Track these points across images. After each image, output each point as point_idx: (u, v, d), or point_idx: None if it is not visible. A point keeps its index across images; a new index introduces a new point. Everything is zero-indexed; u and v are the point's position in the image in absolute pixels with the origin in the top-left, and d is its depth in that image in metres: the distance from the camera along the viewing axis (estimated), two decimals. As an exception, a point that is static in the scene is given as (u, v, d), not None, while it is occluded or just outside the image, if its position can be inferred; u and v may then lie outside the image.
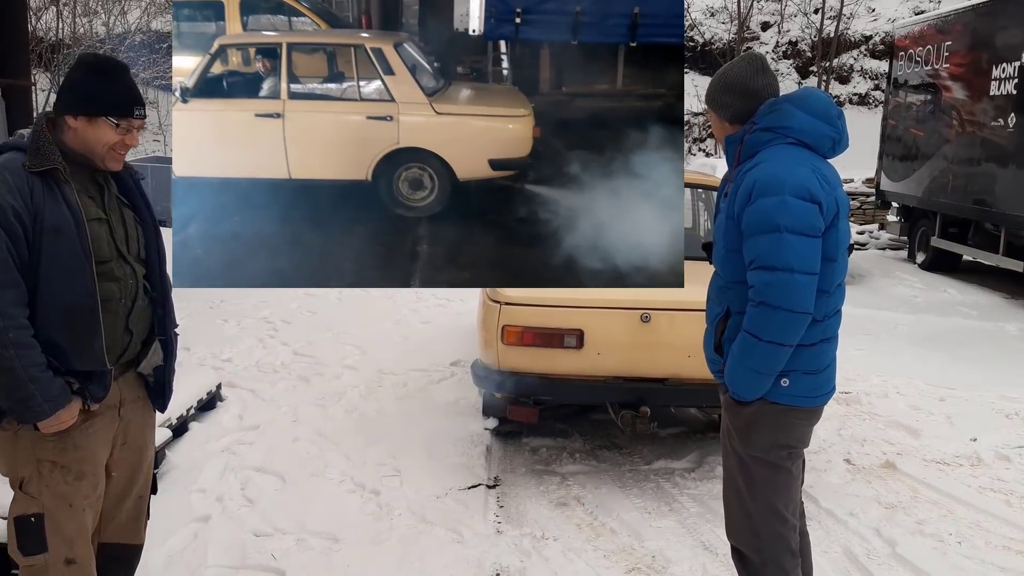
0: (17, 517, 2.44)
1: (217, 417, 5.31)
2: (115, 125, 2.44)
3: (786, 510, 2.74)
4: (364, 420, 5.32)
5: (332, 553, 3.66)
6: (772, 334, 2.53)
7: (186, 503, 4.10)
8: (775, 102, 2.66)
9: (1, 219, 2.26)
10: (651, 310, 4.28)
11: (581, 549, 3.78)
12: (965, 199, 10.83)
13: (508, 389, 4.50)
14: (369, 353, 6.93)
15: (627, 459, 4.87)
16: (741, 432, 2.72)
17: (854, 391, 6.16)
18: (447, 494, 4.28)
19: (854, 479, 4.62)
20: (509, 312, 4.34)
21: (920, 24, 12.51)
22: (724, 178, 2.85)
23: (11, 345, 2.25)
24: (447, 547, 3.74)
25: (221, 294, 8.95)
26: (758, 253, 2.53)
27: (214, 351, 6.82)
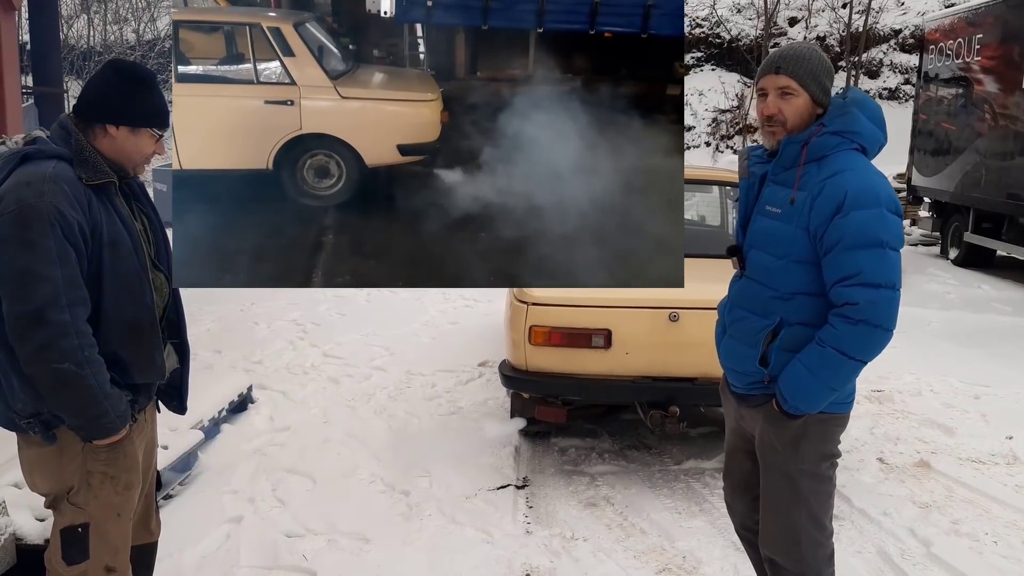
0: (64, 528, 2.44)
1: (249, 419, 5.35)
2: (157, 137, 2.47)
3: (826, 518, 2.69)
4: (394, 421, 5.34)
5: (363, 553, 3.68)
6: (865, 353, 2.43)
7: (218, 504, 4.14)
8: (844, 105, 2.52)
9: (68, 234, 2.22)
10: (679, 309, 4.26)
11: (611, 549, 3.77)
12: (998, 193, 10.67)
13: (536, 390, 4.50)
14: (397, 354, 6.95)
15: (657, 459, 4.85)
16: (789, 446, 2.60)
17: (887, 389, 6.09)
18: (476, 494, 4.29)
19: (887, 478, 4.57)
20: (536, 312, 4.34)
21: (950, 17, 12.34)
22: (750, 171, 2.69)
23: (87, 363, 2.24)
24: (477, 547, 3.75)
25: (251, 296, 9.04)
26: (860, 268, 2.39)
27: (245, 353, 6.87)
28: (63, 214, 2.22)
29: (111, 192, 2.38)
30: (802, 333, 2.53)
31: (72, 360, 2.23)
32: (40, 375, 2.24)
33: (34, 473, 2.45)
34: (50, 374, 2.23)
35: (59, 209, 2.22)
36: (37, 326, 2.20)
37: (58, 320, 2.21)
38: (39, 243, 2.20)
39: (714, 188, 6.61)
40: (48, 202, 2.21)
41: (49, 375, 2.23)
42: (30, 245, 2.19)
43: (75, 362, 2.23)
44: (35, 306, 2.19)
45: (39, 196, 2.21)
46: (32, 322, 2.20)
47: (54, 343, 2.21)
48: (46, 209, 2.20)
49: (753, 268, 2.66)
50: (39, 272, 2.20)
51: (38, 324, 2.20)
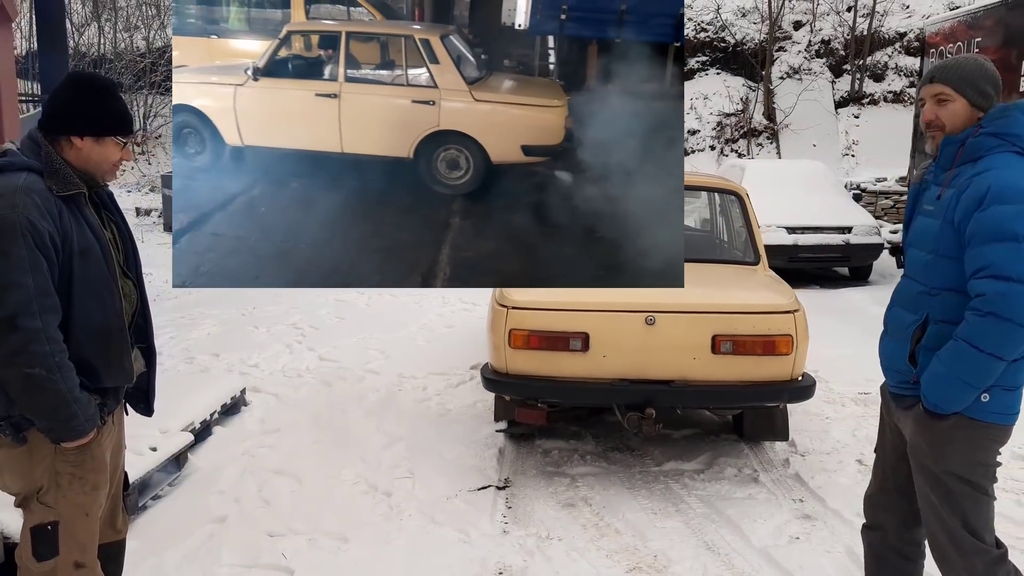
0: (34, 527, 2.54)
1: (241, 421, 5.45)
2: (122, 144, 2.56)
3: (983, 529, 2.62)
4: (382, 423, 5.43)
5: (341, 552, 3.77)
6: (994, 346, 2.43)
7: (204, 505, 4.24)
8: (1005, 107, 2.57)
9: (39, 244, 2.32)
10: (656, 312, 4.33)
11: (584, 549, 3.85)
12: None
13: (516, 392, 4.58)
14: (392, 357, 7.05)
15: (638, 461, 4.93)
16: (935, 448, 2.60)
17: (872, 392, 6.12)
18: (457, 495, 4.37)
19: (865, 480, 4.55)
20: (516, 316, 4.42)
21: (951, 20, 12.34)
22: (924, 178, 2.75)
23: (57, 368, 2.34)
24: (453, 547, 3.83)
25: (254, 300, 9.16)
26: (991, 261, 2.42)
27: (242, 357, 6.98)
28: (34, 225, 2.32)
29: (81, 202, 2.47)
30: (946, 332, 2.54)
31: (43, 365, 2.32)
32: (12, 379, 2.34)
33: (4, 473, 2.54)
34: (21, 378, 2.32)
35: (31, 220, 2.31)
36: (9, 332, 2.29)
37: (30, 326, 2.30)
38: (12, 253, 2.29)
39: (702, 194, 6.68)
40: (20, 214, 2.31)
41: (20, 379, 2.33)
42: (3, 255, 2.29)
43: (46, 367, 2.33)
44: (8, 313, 2.29)
45: (11, 208, 2.31)
46: (4, 328, 2.29)
47: (26, 348, 2.30)
48: (18, 220, 2.30)
49: (909, 265, 2.76)
50: (12, 280, 2.29)
51: (10, 330, 2.29)
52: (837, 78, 18.46)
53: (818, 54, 18.81)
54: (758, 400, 4.52)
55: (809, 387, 4.46)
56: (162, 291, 10.20)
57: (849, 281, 11.40)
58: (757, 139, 17.77)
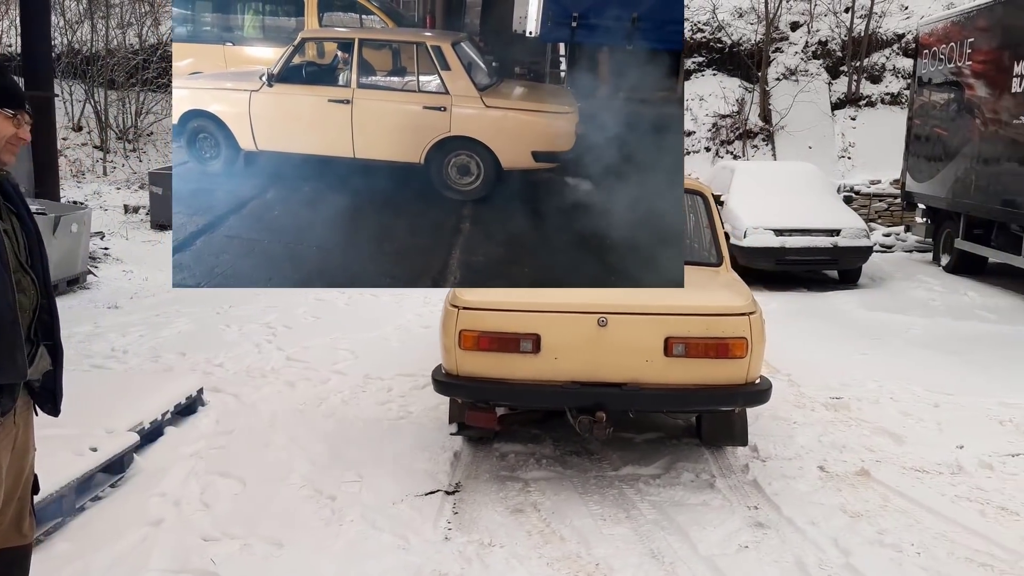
0: None
1: (195, 422, 5.35)
2: (11, 116, 2.47)
3: None
4: (340, 426, 5.33)
5: (273, 558, 3.66)
6: None
7: (143, 507, 4.13)
8: None
9: None
10: (608, 314, 4.22)
11: (525, 556, 3.74)
12: (988, 199, 10.53)
13: (466, 395, 4.48)
14: (361, 358, 6.95)
15: (595, 465, 4.81)
16: None
17: (845, 397, 6.02)
18: (404, 500, 4.26)
19: (824, 487, 4.51)
20: (466, 317, 4.31)
21: (944, 21, 12.22)
22: None
23: None
24: (391, 553, 3.73)
25: (231, 299, 9.08)
26: None
27: (209, 356, 6.90)
28: None
29: None
30: None
31: None
32: None
33: None
34: None
35: None
36: None
37: None
38: None
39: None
40: None
41: None
42: None
43: None
44: None
45: None
46: None
47: None
48: None
49: None
50: None
51: None
52: (834, 80, 18.27)
53: (815, 55, 18.62)
54: (712, 404, 4.41)
55: (765, 391, 4.34)
56: (140, 289, 10.15)
57: (838, 284, 11.27)
58: (753, 141, 17.60)
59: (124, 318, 8.45)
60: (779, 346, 7.23)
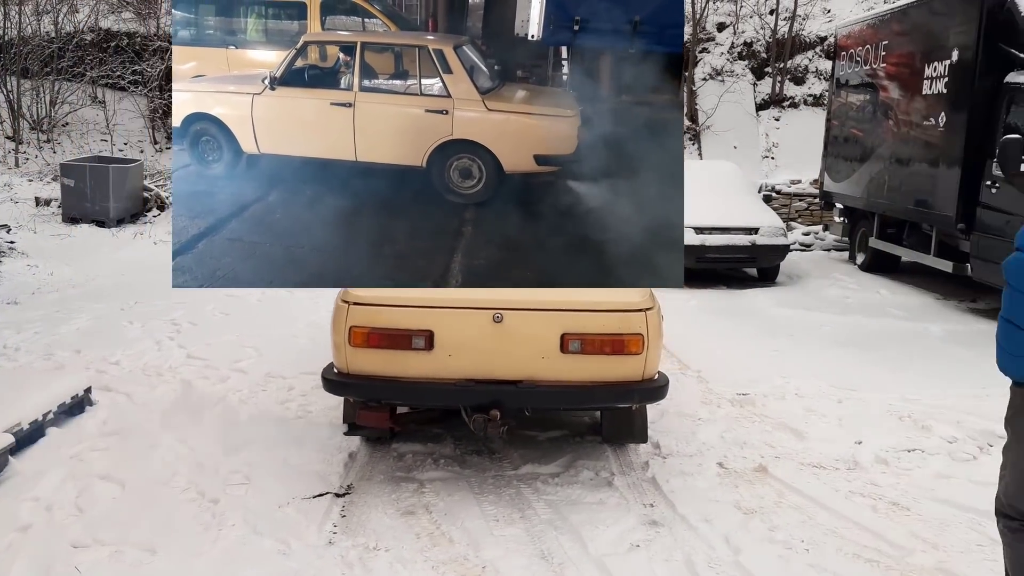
0: None
1: (81, 422, 5.12)
2: None
3: None
4: (233, 426, 5.13)
5: (144, 565, 3.49)
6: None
7: (13, 512, 3.93)
8: None
9: None
10: (503, 310, 4.13)
11: (411, 560, 3.63)
12: (900, 199, 10.74)
13: (357, 393, 4.35)
14: (266, 356, 6.75)
15: (495, 464, 4.72)
16: None
17: (752, 393, 6.03)
18: (290, 503, 4.12)
19: (722, 483, 4.49)
20: (356, 313, 4.18)
21: (859, 24, 12.44)
22: None
23: None
24: (270, 559, 3.58)
25: (138, 295, 8.78)
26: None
27: (105, 353, 6.63)
28: None
29: None
30: None
31: None
32: None
33: None
34: None
35: None
36: None
37: None
38: None
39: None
40: None
41: None
42: None
43: None
44: None
45: None
46: None
47: None
48: None
49: None
50: None
51: None
52: (759, 81, 18.53)
53: (740, 56, 18.86)
54: (609, 401, 4.35)
55: (662, 387, 4.30)
56: (44, 284, 9.76)
57: (757, 282, 11.38)
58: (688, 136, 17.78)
59: (22, 314, 8.09)
60: (692, 343, 7.28)
